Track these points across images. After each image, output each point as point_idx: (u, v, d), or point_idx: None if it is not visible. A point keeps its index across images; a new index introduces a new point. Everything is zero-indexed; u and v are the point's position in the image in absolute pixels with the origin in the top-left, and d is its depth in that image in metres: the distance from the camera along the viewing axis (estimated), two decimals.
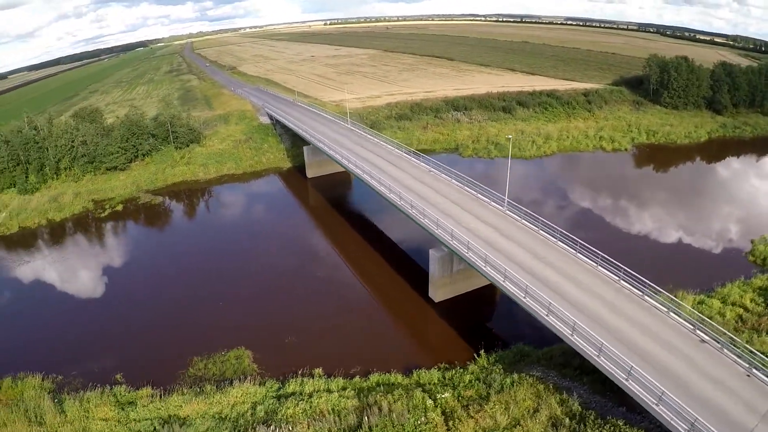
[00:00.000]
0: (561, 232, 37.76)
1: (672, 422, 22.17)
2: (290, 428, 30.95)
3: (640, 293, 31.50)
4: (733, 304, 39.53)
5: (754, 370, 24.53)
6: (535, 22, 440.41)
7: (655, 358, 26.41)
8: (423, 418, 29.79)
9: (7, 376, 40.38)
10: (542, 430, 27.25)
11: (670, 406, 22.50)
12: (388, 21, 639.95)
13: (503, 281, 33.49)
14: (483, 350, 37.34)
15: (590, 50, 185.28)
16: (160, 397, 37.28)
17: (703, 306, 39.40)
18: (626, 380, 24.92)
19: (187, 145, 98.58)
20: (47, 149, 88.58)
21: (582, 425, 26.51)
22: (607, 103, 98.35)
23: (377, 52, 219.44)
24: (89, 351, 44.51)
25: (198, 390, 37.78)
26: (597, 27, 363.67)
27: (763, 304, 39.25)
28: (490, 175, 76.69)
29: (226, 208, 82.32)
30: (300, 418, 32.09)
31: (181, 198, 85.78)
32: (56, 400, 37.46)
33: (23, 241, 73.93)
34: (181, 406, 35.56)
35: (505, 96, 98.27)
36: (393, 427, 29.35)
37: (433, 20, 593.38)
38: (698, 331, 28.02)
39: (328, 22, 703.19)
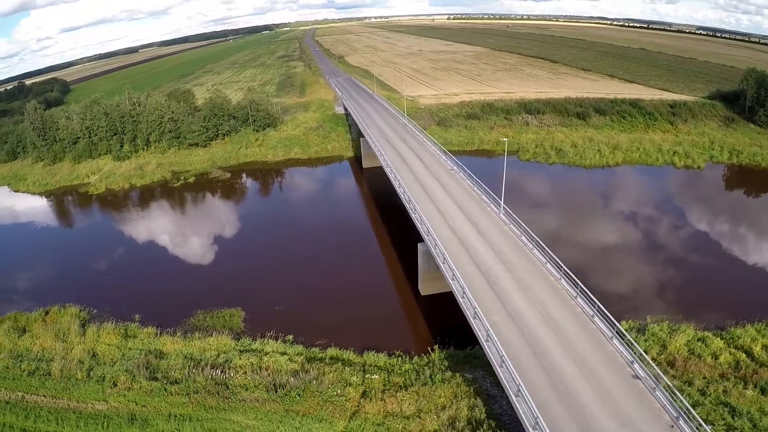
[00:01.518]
0: (538, 241, 37.84)
1: None
2: (230, 374, 36.89)
3: (590, 313, 30.63)
4: (738, 347, 35.91)
5: (680, 421, 22.54)
6: (663, 30, 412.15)
7: (571, 387, 25.34)
8: (339, 391, 33.54)
9: (57, 305, 52.75)
10: (437, 427, 29.21)
11: None
12: (513, 19, 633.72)
13: (457, 287, 34.78)
14: (438, 346, 39.38)
15: (707, 62, 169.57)
16: (156, 335, 45.89)
17: (699, 343, 36.23)
18: (516, 396, 24.88)
19: (264, 129, 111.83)
20: (140, 123, 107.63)
21: None
22: (694, 116, 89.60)
23: (485, 50, 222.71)
24: (123, 294, 56.03)
25: (187, 335, 45.74)
26: (728, 39, 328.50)
27: None
28: (541, 180, 75.71)
29: (280, 188, 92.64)
30: (245, 368, 37.89)
31: (246, 176, 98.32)
32: (82, 326, 48.28)
33: (106, 200, 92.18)
34: (166, 344, 43.71)
35: (583, 102, 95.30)
36: (311, 392, 33.60)
37: (557, 21, 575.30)
38: (635, 365, 26.24)
39: (452, 17, 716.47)
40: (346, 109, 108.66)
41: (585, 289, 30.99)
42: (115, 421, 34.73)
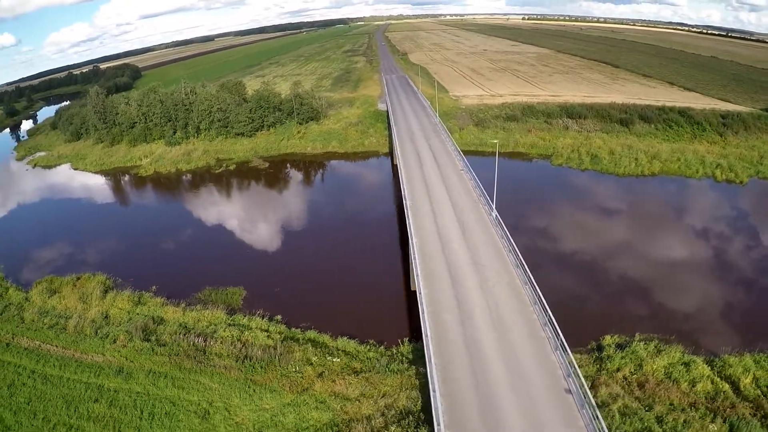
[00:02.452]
0: (513, 246, 38.96)
1: None
2: (211, 342, 41.70)
3: (543, 321, 30.87)
4: (725, 376, 33.97)
5: None
6: (742, 38, 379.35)
7: (494, 392, 26.15)
8: (298, 369, 37.14)
9: (88, 272, 60.75)
10: (369, 414, 31.82)
11: None
12: (589, 22, 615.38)
13: (419, 284, 36.82)
14: (409, 339, 41.89)
15: None
16: (163, 305, 51.99)
17: (682, 367, 34.99)
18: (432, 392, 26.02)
19: (307, 122, 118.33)
20: (192, 111, 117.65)
21: (404, 424, 30.30)
22: (747, 128, 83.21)
23: (549, 52, 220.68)
24: (146, 267, 63.88)
25: (189, 306, 51.43)
26: None
27: (765, 387, 33.66)
28: (566, 185, 75.23)
29: (312, 179, 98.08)
30: (224, 339, 42.55)
31: (283, 166, 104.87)
32: (104, 292, 55.55)
33: (153, 182, 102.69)
34: (168, 312, 49.59)
35: (628, 108, 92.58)
36: (273, 366, 37.50)
37: (633, 25, 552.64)
38: (570, 379, 26.27)
39: (527, 17, 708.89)
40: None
41: (542, 296, 31.89)
42: (105, 371, 40.54)
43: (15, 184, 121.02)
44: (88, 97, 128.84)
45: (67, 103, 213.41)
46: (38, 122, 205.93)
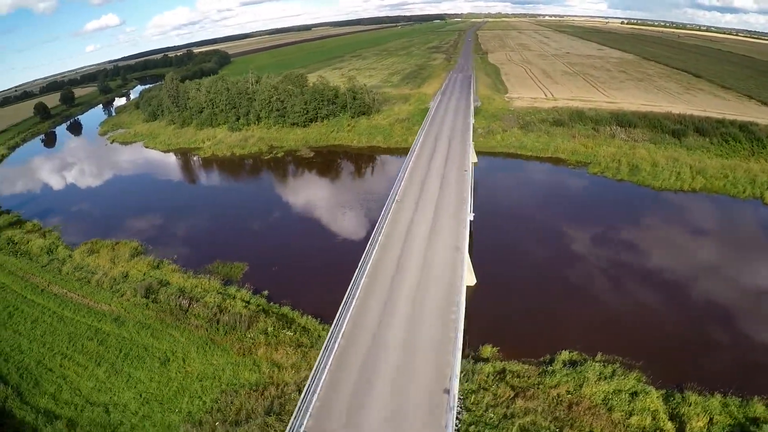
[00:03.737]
0: (461, 246, 41.74)
1: None
2: (194, 305, 49.23)
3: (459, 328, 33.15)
4: (676, 414, 33.58)
5: None
6: None
7: (377, 377, 29.11)
8: (253, 336, 43.27)
9: (126, 239, 71.78)
10: (288, 382, 36.82)
11: None
12: (692, 29, 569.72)
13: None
14: None
15: None
16: (174, 270, 60.81)
17: (627, 396, 35.19)
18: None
19: (358, 116, 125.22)
20: (254, 100, 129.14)
21: None
22: None
23: (633, 58, 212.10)
24: (177, 237, 74.38)
25: (193, 274, 59.67)
26: None
27: None
28: (593, 196, 74.47)
29: (349, 170, 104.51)
30: (207, 303, 49.83)
31: (327, 156, 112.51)
32: (133, 256, 65.77)
33: (209, 162, 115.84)
34: (174, 278, 58.11)
35: (684, 119, 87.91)
36: (234, 331, 44.05)
37: (737, 35, 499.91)
38: (454, 381, 27.97)
39: (626, 21, 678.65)
40: None
41: (462, 300, 34.99)
42: (106, 318, 49.44)
43: (90, 158, 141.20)
44: (164, 81, 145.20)
45: (152, 85, 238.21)
46: (130, 101, 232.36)
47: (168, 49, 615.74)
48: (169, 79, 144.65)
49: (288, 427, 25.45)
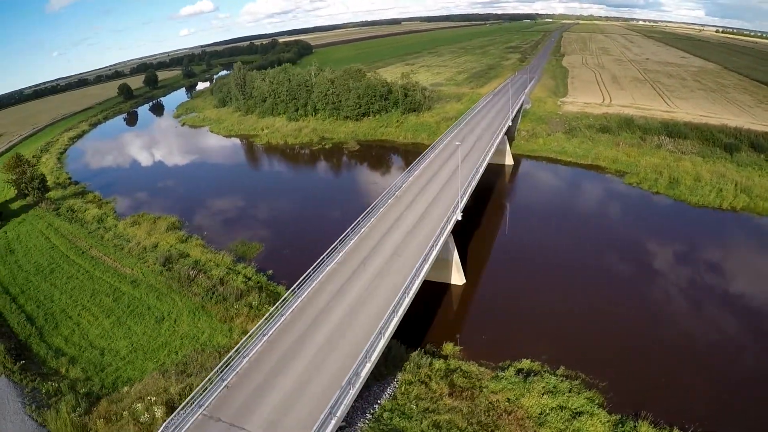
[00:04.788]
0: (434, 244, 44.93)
1: None
2: (200, 276, 56.32)
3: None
4: None
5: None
6: None
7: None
8: (238, 307, 49.36)
9: (167, 215, 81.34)
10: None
11: None
12: None
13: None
14: None
15: None
16: (196, 245, 68.77)
17: (567, 414, 35.25)
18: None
19: (408, 113, 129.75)
20: (313, 92, 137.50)
21: None
22: None
23: (714, 68, 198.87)
24: (213, 215, 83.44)
25: (212, 249, 67.24)
26: None
27: None
28: (620, 207, 73.56)
29: (385, 164, 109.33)
30: (211, 276, 56.75)
31: (371, 150, 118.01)
32: (167, 230, 74.83)
33: (262, 149, 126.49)
34: (195, 251, 65.87)
35: (740, 133, 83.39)
36: (224, 301, 50.42)
37: None
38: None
39: (721, 30, 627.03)
40: None
41: (408, 299, 38.72)
42: (126, 280, 57.88)
43: (159, 139, 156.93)
44: (233, 70, 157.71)
45: (226, 72, 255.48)
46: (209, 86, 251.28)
47: (258, 36, 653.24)
48: (237, 68, 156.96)
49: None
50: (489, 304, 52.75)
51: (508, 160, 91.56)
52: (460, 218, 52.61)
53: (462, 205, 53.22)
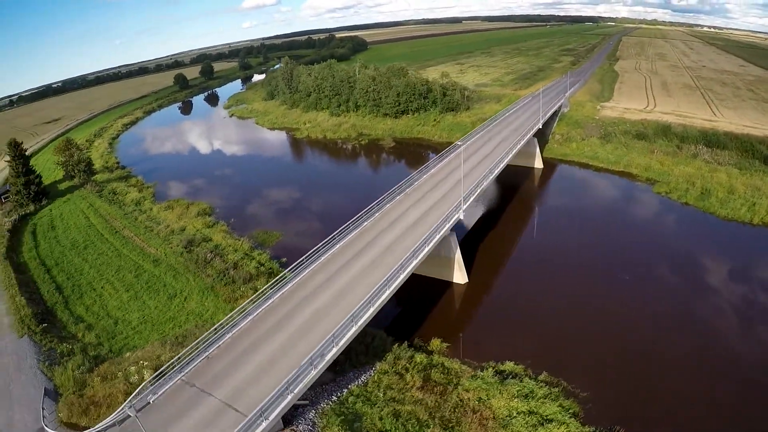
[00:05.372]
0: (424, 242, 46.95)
1: None
2: (216, 259, 60.84)
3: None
4: None
5: None
6: None
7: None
8: (243, 289, 53.28)
9: (200, 201, 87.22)
10: None
11: None
12: None
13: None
14: None
15: None
16: (221, 231, 73.66)
17: (536, 419, 35.62)
18: None
19: (445, 112, 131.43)
20: (355, 89, 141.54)
21: None
22: None
23: None
24: (242, 203, 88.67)
25: (234, 236, 71.93)
26: None
27: None
28: (647, 217, 72.31)
29: (417, 162, 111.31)
30: (226, 259, 61.16)
31: (405, 148, 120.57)
32: (198, 215, 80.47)
33: (300, 142, 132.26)
34: (217, 236, 70.67)
35: None
36: (234, 283, 54.55)
37: None
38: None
39: None
40: None
41: (389, 292, 41.14)
42: (149, 258, 63.32)
43: (206, 128, 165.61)
44: (280, 64, 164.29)
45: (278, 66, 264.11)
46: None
47: (318, 31, 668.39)
48: (285, 62, 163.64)
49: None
50: (488, 305, 53.95)
51: (538, 164, 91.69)
52: (462, 217, 54.08)
53: (465, 205, 54.62)
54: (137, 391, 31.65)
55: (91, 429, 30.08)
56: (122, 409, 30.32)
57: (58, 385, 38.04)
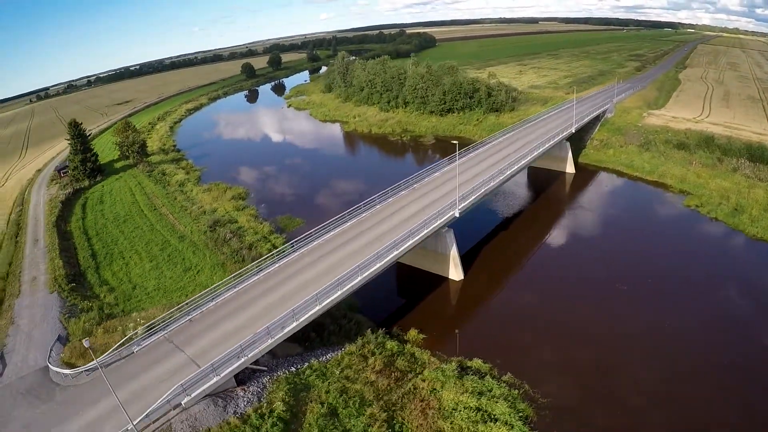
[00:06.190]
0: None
1: None
2: (234, 239, 67.39)
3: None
4: None
5: None
6: None
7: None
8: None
9: (238, 186, 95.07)
10: None
11: None
12: None
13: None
14: None
15: None
16: (249, 214, 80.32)
17: (479, 416, 36.84)
18: None
19: (489, 112, 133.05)
20: (404, 86, 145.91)
21: None
22: None
23: None
24: (277, 189, 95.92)
25: (259, 220, 78.37)
26: None
27: None
28: (673, 233, 70.69)
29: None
30: (243, 240, 67.54)
31: (443, 146, 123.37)
32: (232, 198, 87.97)
33: (346, 135, 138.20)
34: (243, 220, 77.40)
35: None
36: (244, 262, 60.65)
37: None
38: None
39: None
40: None
41: (360, 279, 45.31)
42: (176, 234, 70.89)
43: (263, 117, 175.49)
44: (336, 58, 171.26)
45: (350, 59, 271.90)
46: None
47: (393, 26, 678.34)
48: (340, 57, 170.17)
49: None
50: (477, 304, 55.87)
51: (569, 168, 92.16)
52: (457, 215, 56.78)
53: (464, 204, 57.19)
54: (121, 342, 38.00)
55: (80, 367, 36.53)
56: (108, 353, 36.72)
57: (70, 334, 45.18)
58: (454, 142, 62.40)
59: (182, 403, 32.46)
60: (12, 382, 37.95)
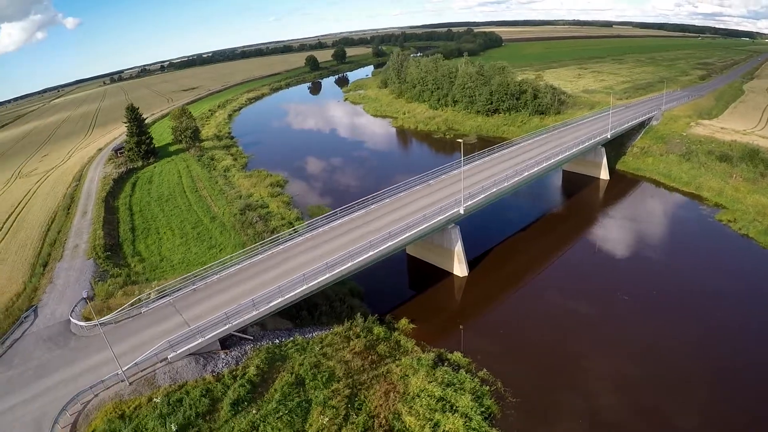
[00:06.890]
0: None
1: None
2: (259, 222, 73.35)
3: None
4: None
5: None
6: None
7: None
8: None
9: (279, 173, 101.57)
10: None
11: None
12: None
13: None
14: None
15: None
16: (281, 201, 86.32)
17: (439, 405, 38.75)
18: None
19: (535, 114, 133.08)
20: (454, 84, 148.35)
21: None
22: None
23: None
24: (314, 179, 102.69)
25: (292, 207, 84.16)
26: None
27: None
28: (698, 248, 68.68)
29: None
30: (268, 225, 73.36)
31: (484, 145, 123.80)
32: (270, 185, 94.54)
33: (393, 130, 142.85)
34: (273, 206, 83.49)
35: None
36: (261, 236, 66.35)
37: None
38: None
39: None
40: None
41: (347, 267, 49.47)
42: (209, 215, 77.78)
43: (320, 111, 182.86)
44: (392, 55, 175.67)
45: (415, 55, 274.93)
46: None
47: (463, 24, 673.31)
48: (396, 53, 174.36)
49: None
50: (475, 300, 58.03)
51: (603, 174, 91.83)
52: (462, 212, 59.23)
53: (470, 203, 59.61)
54: (130, 302, 44.29)
55: (95, 320, 42.99)
56: (119, 311, 43.13)
57: (96, 294, 52.22)
58: (459, 140, 64.78)
59: (168, 357, 37.87)
60: (39, 330, 45.14)
